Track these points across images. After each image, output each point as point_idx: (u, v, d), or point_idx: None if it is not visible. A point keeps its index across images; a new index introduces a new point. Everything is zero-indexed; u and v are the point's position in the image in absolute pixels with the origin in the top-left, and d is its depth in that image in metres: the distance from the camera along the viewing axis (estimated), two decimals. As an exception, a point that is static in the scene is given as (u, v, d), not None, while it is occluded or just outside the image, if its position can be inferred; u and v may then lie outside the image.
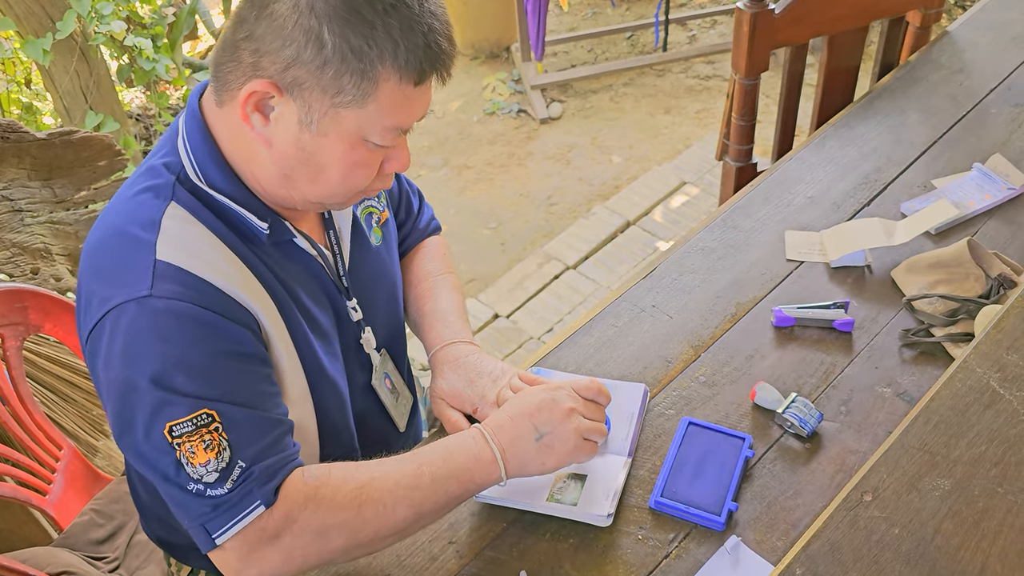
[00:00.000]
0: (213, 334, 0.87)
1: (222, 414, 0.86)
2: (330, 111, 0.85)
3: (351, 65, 0.82)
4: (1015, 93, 1.65)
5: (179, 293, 0.86)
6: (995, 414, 0.80)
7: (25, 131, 1.97)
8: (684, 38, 3.85)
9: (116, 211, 0.93)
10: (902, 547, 0.71)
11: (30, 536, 1.59)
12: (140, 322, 0.85)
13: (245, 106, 0.86)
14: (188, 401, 0.84)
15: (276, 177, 0.92)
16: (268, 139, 0.88)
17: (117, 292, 0.86)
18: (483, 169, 3.22)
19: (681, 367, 1.22)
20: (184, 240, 0.89)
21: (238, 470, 0.86)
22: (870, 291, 1.30)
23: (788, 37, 1.69)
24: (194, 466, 0.84)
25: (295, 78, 0.83)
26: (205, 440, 0.84)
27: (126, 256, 0.88)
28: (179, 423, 0.84)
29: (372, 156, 0.91)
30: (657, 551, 1.00)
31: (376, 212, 1.16)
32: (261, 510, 0.86)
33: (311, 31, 0.81)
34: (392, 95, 0.85)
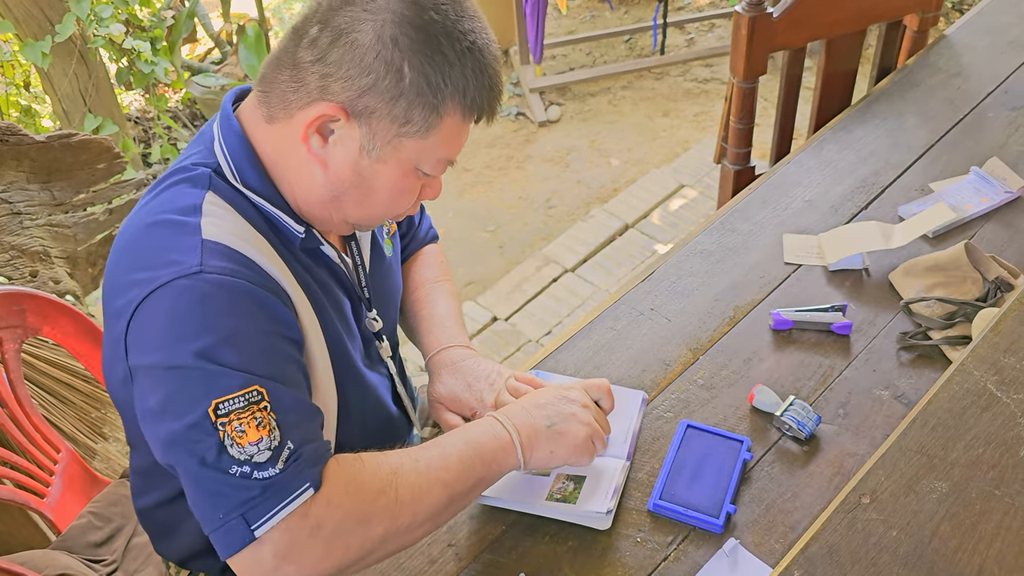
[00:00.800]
0: (264, 311, 0.86)
1: (271, 393, 0.83)
2: (394, 140, 0.89)
3: (425, 99, 0.87)
4: (1012, 97, 1.65)
5: (231, 269, 0.85)
6: (992, 417, 0.80)
7: (24, 134, 1.97)
8: (682, 41, 3.85)
9: (147, 208, 0.92)
10: (900, 549, 0.71)
11: (27, 539, 1.58)
12: (190, 296, 0.82)
13: (309, 127, 0.88)
14: (239, 376, 0.81)
15: (324, 197, 0.94)
16: (324, 160, 0.91)
17: (163, 272, 0.83)
18: (482, 172, 3.22)
19: (679, 370, 1.22)
20: (227, 223, 0.89)
21: (287, 451, 0.82)
22: (868, 294, 1.30)
23: (786, 41, 1.69)
24: (242, 446, 0.80)
25: (367, 106, 0.87)
26: (257, 417, 0.81)
27: (170, 239, 0.86)
28: (229, 399, 0.80)
29: (418, 184, 0.95)
30: (656, 554, 1.00)
31: (386, 224, 1.17)
32: (310, 492, 0.82)
33: (392, 64, 0.85)
34: (451, 129, 0.90)
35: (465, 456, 0.93)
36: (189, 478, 0.83)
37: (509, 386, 1.09)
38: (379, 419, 1.13)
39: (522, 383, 1.10)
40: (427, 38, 0.85)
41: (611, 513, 1.02)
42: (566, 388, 1.04)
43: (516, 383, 1.09)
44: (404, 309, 1.26)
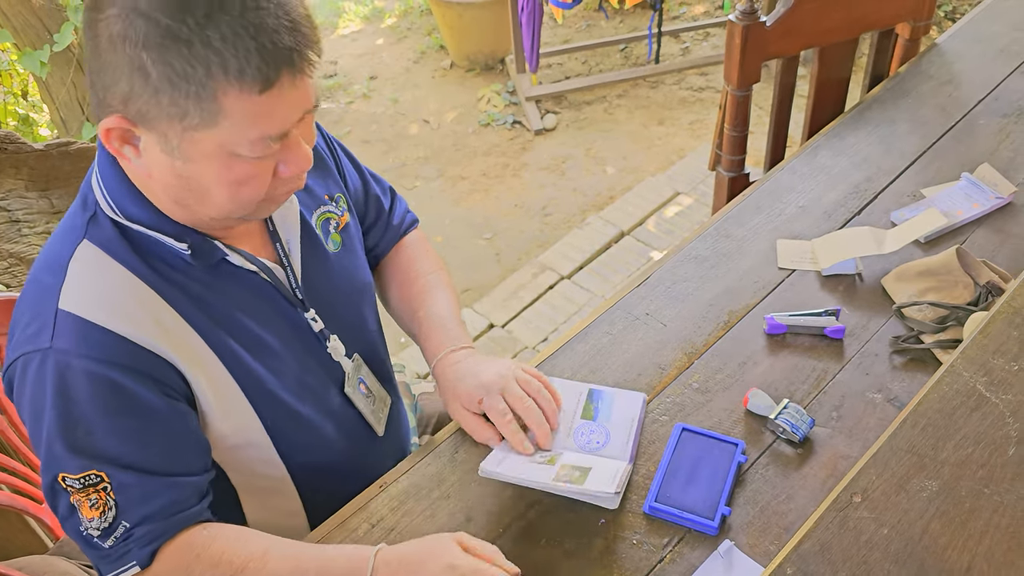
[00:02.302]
0: (112, 393, 0.88)
1: (112, 476, 0.88)
2: (184, 136, 0.81)
3: (183, 89, 0.77)
4: (1002, 104, 1.67)
5: (79, 349, 0.87)
6: (981, 417, 0.82)
7: (23, 142, 1.98)
8: (677, 50, 3.88)
9: (44, 249, 0.95)
10: (891, 547, 0.72)
11: (25, 544, 1.59)
12: (42, 375, 0.87)
13: (109, 143, 0.84)
14: (80, 461, 0.87)
15: (172, 204, 0.90)
16: (147, 171, 0.86)
17: (26, 339, 0.88)
18: (478, 180, 3.24)
19: (675, 374, 1.23)
20: (90, 285, 0.89)
21: (121, 529, 0.89)
22: (861, 299, 1.32)
23: (779, 49, 1.71)
24: (82, 515, 0.89)
25: (138, 110, 0.80)
26: (91, 499, 0.88)
27: (34, 302, 0.90)
28: (69, 477, 0.88)
29: (256, 168, 0.85)
30: (651, 555, 1.01)
31: (335, 217, 1.13)
32: (136, 570, 0.90)
33: (133, 61, 0.77)
34: (241, 107, 0.79)
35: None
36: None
37: (519, 378, 1.10)
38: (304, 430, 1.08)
39: (531, 376, 1.12)
40: (154, 23, 0.75)
41: (619, 495, 1.02)
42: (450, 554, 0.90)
43: (523, 375, 1.11)
44: (400, 306, 1.24)
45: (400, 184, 3.24)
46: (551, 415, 1.11)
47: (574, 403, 1.17)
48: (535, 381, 1.12)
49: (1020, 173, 1.50)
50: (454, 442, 1.16)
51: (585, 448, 1.10)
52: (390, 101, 3.70)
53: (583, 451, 1.10)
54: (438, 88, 3.76)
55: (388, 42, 4.10)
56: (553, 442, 1.10)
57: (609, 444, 1.11)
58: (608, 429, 1.12)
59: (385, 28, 4.21)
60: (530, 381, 1.11)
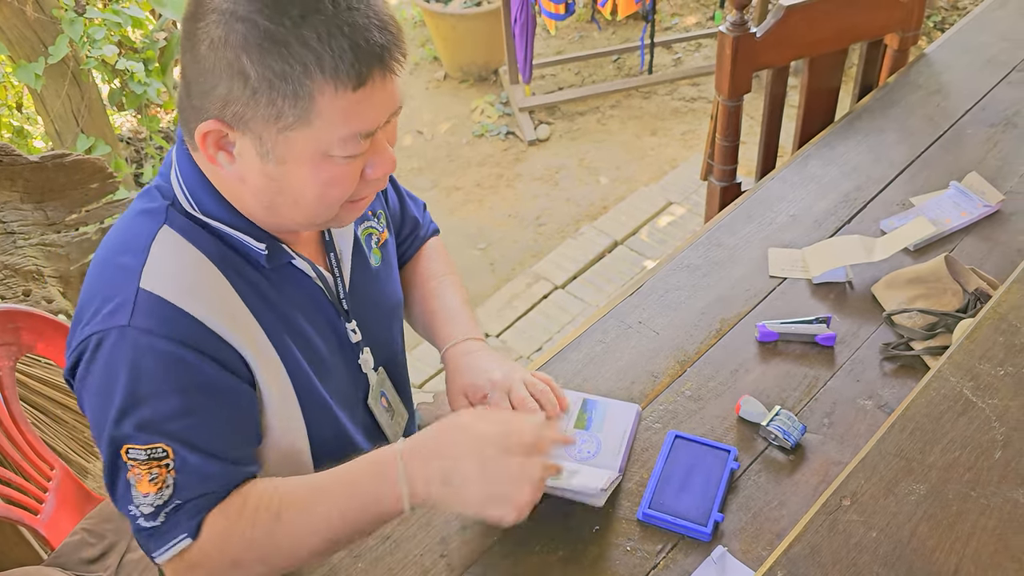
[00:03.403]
0: (187, 373, 0.89)
1: (176, 453, 0.89)
2: (279, 137, 0.84)
3: (280, 89, 0.80)
4: (990, 113, 1.69)
5: (156, 327, 0.87)
6: (968, 421, 0.83)
7: (18, 154, 1.98)
8: (669, 61, 3.90)
9: (114, 234, 0.95)
10: (880, 549, 0.73)
11: (20, 556, 1.58)
12: (118, 352, 0.87)
13: (205, 148, 0.86)
14: (148, 435, 0.88)
15: (261, 209, 0.92)
16: (240, 175, 0.89)
17: (101, 318, 0.88)
18: (472, 190, 3.25)
19: (667, 381, 1.24)
20: (172, 267, 0.90)
21: (173, 506, 0.90)
22: (851, 306, 1.33)
23: (770, 60, 1.73)
24: (137, 491, 0.89)
25: (235, 113, 0.83)
26: (152, 473, 0.88)
27: (113, 282, 0.90)
28: (135, 448, 0.88)
29: (345, 169, 0.88)
30: (645, 562, 1.02)
31: (376, 233, 1.17)
32: (187, 542, 0.90)
33: (232, 65, 0.80)
34: (335, 105, 0.82)
35: (349, 512, 0.91)
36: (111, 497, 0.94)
37: (527, 381, 1.11)
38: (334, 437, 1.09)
39: (539, 380, 1.12)
40: (253, 26, 0.78)
41: (606, 492, 1.03)
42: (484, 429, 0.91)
43: (532, 379, 1.12)
44: (413, 303, 1.27)
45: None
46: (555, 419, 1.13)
47: (568, 412, 1.17)
48: (540, 384, 1.14)
49: (1008, 181, 1.52)
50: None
51: (576, 457, 1.11)
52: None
53: (574, 460, 1.11)
54: (432, 99, 3.78)
55: (382, 54, 4.12)
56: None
57: (600, 454, 1.11)
58: (600, 439, 1.13)
59: (379, 40, 4.23)
60: (535, 383, 1.13)
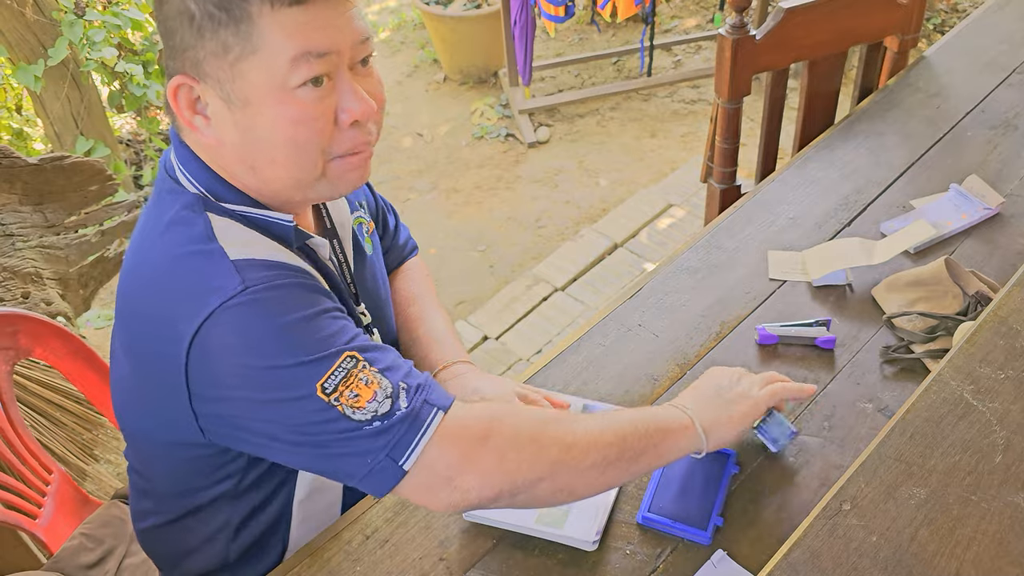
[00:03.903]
0: (317, 298, 0.88)
1: (362, 351, 0.87)
2: (233, 73, 0.84)
3: (220, 18, 0.82)
4: (990, 116, 1.69)
5: (270, 276, 0.86)
6: (968, 425, 0.82)
7: (17, 156, 1.98)
8: (669, 63, 3.90)
9: (159, 247, 0.91)
10: (880, 554, 0.73)
11: (19, 561, 1.58)
12: (249, 313, 0.84)
13: (180, 111, 0.87)
14: (328, 353, 0.84)
15: (246, 173, 0.91)
16: (219, 138, 0.89)
17: (206, 302, 0.84)
18: (472, 192, 3.25)
19: (667, 384, 1.24)
20: (242, 239, 0.90)
21: (403, 391, 0.86)
22: (851, 309, 1.33)
23: (769, 62, 1.73)
24: (362, 408, 0.84)
25: (192, 60, 0.85)
26: (362, 377, 0.85)
27: (198, 270, 0.87)
28: (330, 376, 0.83)
29: (310, 106, 0.86)
30: (645, 566, 1.02)
31: (365, 222, 1.18)
32: (440, 416, 0.87)
33: (181, 10, 0.83)
34: (276, 25, 0.82)
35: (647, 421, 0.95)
36: (322, 468, 0.88)
37: (519, 395, 1.12)
38: None
39: (528, 391, 1.13)
40: None
41: (596, 543, 1.03)
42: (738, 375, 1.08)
43: (526, 393, 1.12)
44: (397, 327, 1.27)
45: (394, 197, 3.25)
46: None
47: None
48: (534, 395, 1.14)
49: (1008, 184, 1.52)
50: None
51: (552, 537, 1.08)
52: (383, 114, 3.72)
53: None
54: (431, 101, 3.78)
55: (381, 55, 4.12)
56: None
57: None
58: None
59: (378, 42, 4.23)
60: (528, 396, 1.13)
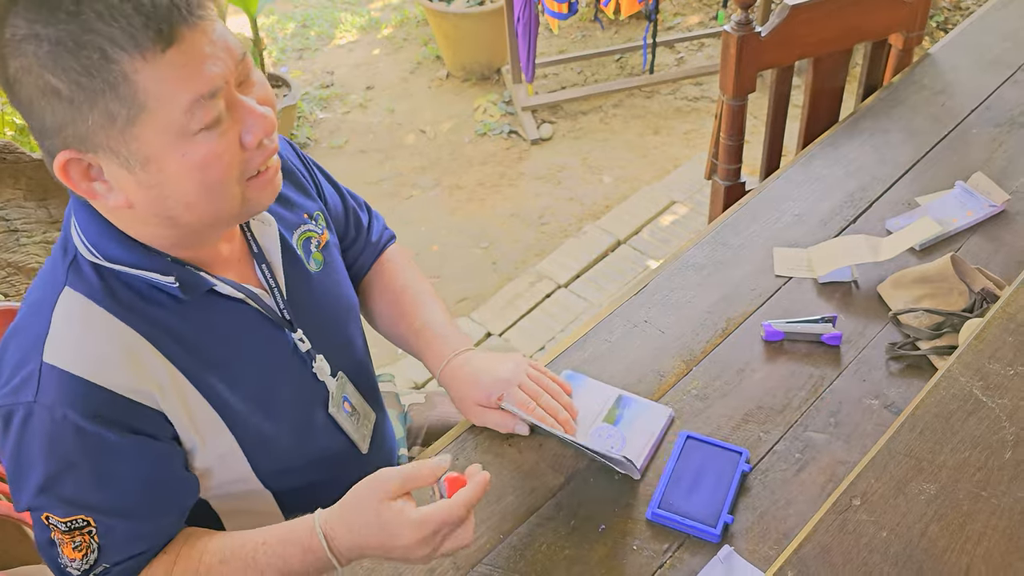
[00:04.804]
0: (99, 445, 0.88)
1: (98, 521, 0.90)
2: (127, 139, 0.77)
3: (93, 88, 0.74)
4: (995, 113, 1.69)
5: (62, 402, 0.86)
6: (978, 421, 0.83)
7: (21, 152, 1.99)
8: (672, 60, 3.90)
9: (31, 291, 0.93)
10: (890, 550, 0.73)
11: (23, 555, 1.58)
12: (27, 429, 0.87)
13: (77, 186, 0.81)
14: (66, 507, 0.89)
15: (164, 226, 0.87)
16: (126, 201, 0.83)
17: (10, 391, 0.87)
18: (475, 189, 3.25)
19: (674, 380, 1.24)
20: (74, 335, 0.87)
21: (101, 568, 0.92)
22: (857, 306, 1.33)
23: (774, 59, 1.73)
24: (63, 553, 0.91)
25: (76, 135, 0.77)
26: (75, 541, 0.90)
27: (20, 350, 0.88)
28: (55, 519, 0.89)
29: (214, 145, 0.80)
30: (652, 561, 1.02)
31: (315, 236, 1.12)
32: None
33: (43, 89, 0.75)
34: (155, 76, 0.75)
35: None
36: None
37: (530, 374, 1.15)
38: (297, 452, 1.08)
39: (539, 372, 1.16)
40: (36, 39, 0.73)
41: (641, 468, 1.11)
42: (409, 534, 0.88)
43: (534, 371, 1.15)
44: (390, 319, 1.25)
45: (397, 194, 3.25)
46: (567, 405, 1.16)
47: (600, 405, 1.19)
48: (543, 376, 1.17)
49: (1013, 181, 1.52)
50: (451, 452, 1.16)
51: (600, 449, 1.11)
52: (386, 111, 3.71)
53: (597, 451, 1.11)
54: (434, 98, 3.78)
55: (384, 52, 4.12)
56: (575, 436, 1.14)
57: (623, 451, 1.12)
58: (626, 436, 1.14)
59: (381, 39, 4.23)
60: (540, 377, 1.16)
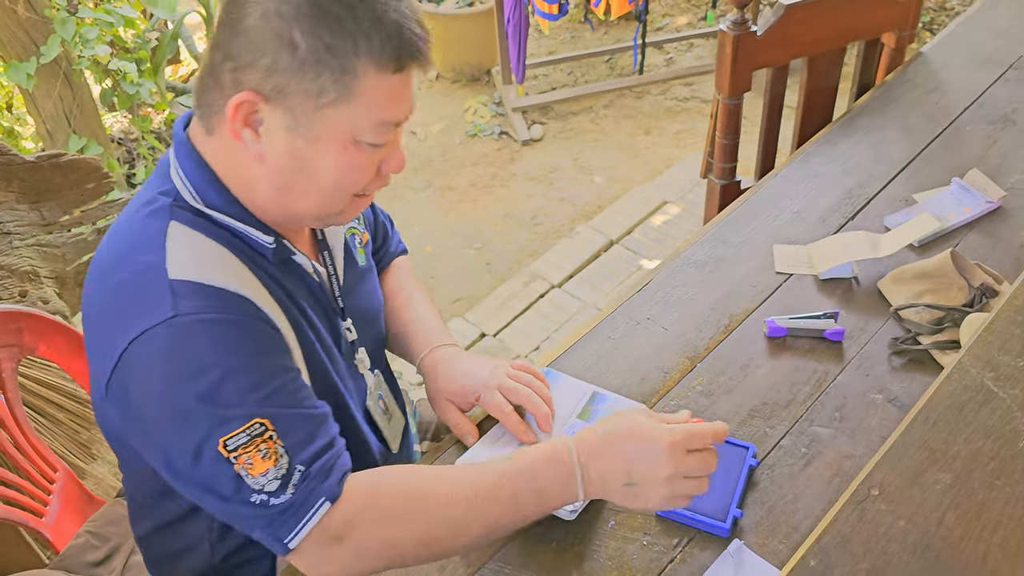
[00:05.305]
0: (249, 339, 0.86)
1: (274, 420, 0.85)
2: (316, 114, 0.85)
3: (327, 63, 0.82)
4: (988, 111, 1.71)
5: (204, 306, 0.85)
6: (990, 411, 0.84)
7: (14, 154, 1.96)
8: (661, 61, 3.92)
9: (119, 236, 0.92)
10: (908, 538, 0.74)
11: (22, 559, 1.57)
12: (174, 344, 0.83)
13: (234, 121, 0.85)
14: (240, 412, 0.83)
15: (273, 193, 0.91)
16: (261, 154, 0.88)
17: (138, 321, 0.84)
18: (466, 190, 3.25)
19: (678, 377, 1.24)
20: (192, 254, 0.88)
21: (298, 474, 0.85)
22: (858, 302, 1.34)
23: (770, 59, 1.74)
24: (254, 477, 0.84)
25: (276, 85, 0.83)
26: (261, 449, 0.84)
27: (138, 284, 0.86)
28: (233, 436, 0.83)
29: (366, 158, 0.89)
30: (662, 556, 1.02)
31: (359, 234, 1.17)
32: (327, 506, 0.86)
33: (282, 36, 0.82)
34: (374, 87, 0.84)
35: (520, 495, 0.90)
36: (215, 509, 0.88)
37: (509, 373, 1.13)
38: (349, 433, 1.08)
39: (521, 371, 1.15)
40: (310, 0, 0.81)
41: (575, 513, 1.05)
42: (664, 437, 0.89)
43: (516, 372, 1.14)
44: (386, 319, 1.26)
45: (389, 195, 3.25)
46: (547, 400, 1.15)
47: (575, 401, 1.18)
48: (524, 373, 1.16)
49: (1008, 178, 1.54)
50: (462, 447, 1.17)
51: None
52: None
53: None
54: (424, 99, 3.78)
55: (373, 54, 4.11)
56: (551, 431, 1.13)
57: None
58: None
59: (370, 40, 4.22)
60: (519, 375, 1.15)
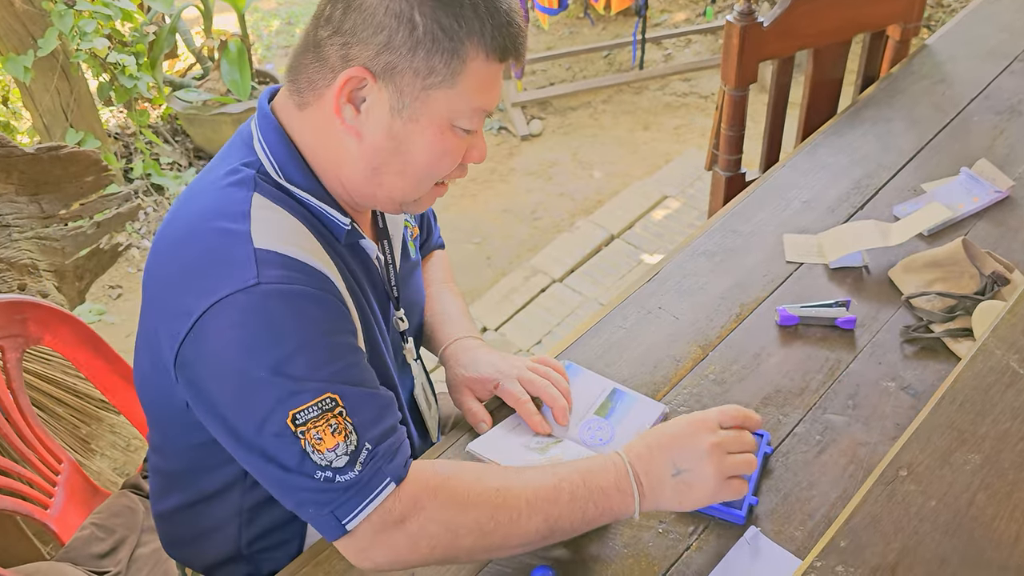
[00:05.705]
0: (326, 314, 0.86)
1: (344, 397, 0.85)
2: (421, 94, 0.87)
3: (442, 44, 0.85)
4: (994, 102, 1.71)
5: (287, 277, 0.84)
6: (1016, 392, 0.83)
7: (13, 146, 1.94)
8: (660, 57, 3.92)
9: (195, 207, 0.91)
10: (939, 518, 0.73)
11: (21, 551, 1.55)
12: (254, 311, 0.82)
13: (339, 96, 0.86)
14: (312, 386, 0.83)
15: (364, 172, 0.92)
16: (359, 131, 0.89)
17: (219, 285, 0.82)
18: (466, 185, 3.24)
19: (690, 365, 1.24)
20: (276, 227, 0.88)
21: (365, 452, 0.85)
22: (869, 290, 1.34)
23: (776, 50, 1.74)
24: (321, 452, 0.83)
25: (387, 63, 0.85)
26: (332, 424, 0.83)
27: (221, 249, 0.85)
28: (304, 409, 0.82)
29: (458, 144, 0.92)
30: (678, 543, 1.02)
31: (411, 227, 1.18)
32: (392, 487, 0.86)
33: (402, 15, 0.84)
34: (478, 73, 0.87)
35: (579, 496, 0.91)
36: (272, 482, 0.87)
37: (529, 366, 1.13)
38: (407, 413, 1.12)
39: (541, 364, 1.15)
40: None
41: None
42: (696, 420, 0.94)
43: (536, 365, 1.14)
44: None
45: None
46: (565, 393, 1.15)
47: (594, 396, 1.17)
48: (542, 367, 1.16)
49: (1016, 167, 1.54)
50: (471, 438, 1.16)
51: (586, 442, 1.11)
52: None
53: (583, 444, 1.10)
54: (423, 95, 3.77)
55: (371, 50, 4.10)
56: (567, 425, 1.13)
57: (611, 444, 1.11)
58: (616, 430, 1.13)
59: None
60: (539, 367, 1.16)
